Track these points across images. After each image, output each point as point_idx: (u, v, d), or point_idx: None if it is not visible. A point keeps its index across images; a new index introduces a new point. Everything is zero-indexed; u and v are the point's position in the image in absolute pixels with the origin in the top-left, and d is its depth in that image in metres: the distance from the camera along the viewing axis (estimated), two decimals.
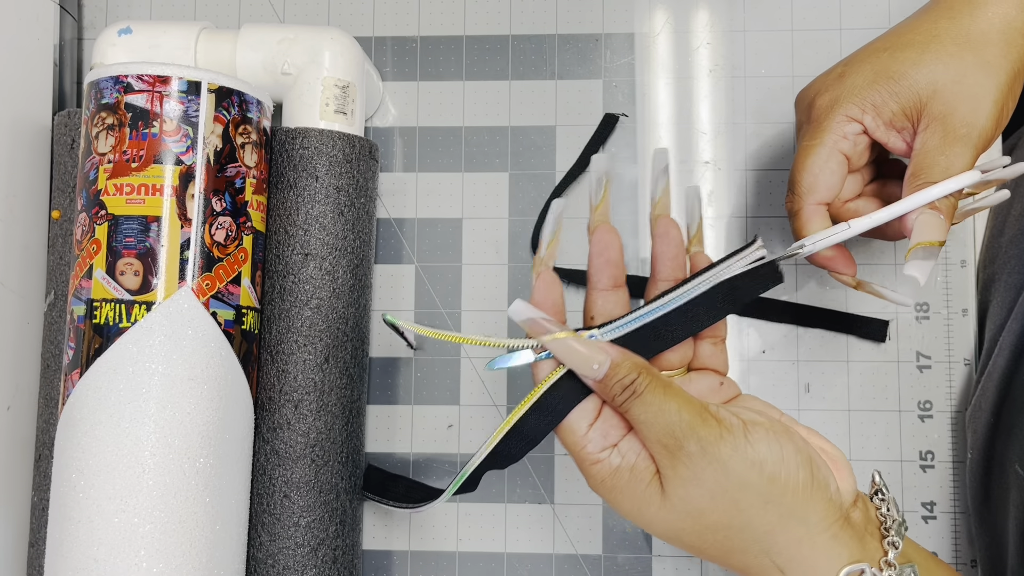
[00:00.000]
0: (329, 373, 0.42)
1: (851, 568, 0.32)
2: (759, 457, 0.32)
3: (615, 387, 0.33)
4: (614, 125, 0.47)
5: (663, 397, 0.32)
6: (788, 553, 0.32)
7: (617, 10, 0.48)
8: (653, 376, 0.33)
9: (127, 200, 0.37)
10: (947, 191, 0.35)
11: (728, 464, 0.31)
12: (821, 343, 0.46)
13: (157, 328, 0.36)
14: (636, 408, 0.32)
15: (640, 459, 0.33)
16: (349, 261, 0.43)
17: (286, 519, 0.41)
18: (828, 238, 0.36)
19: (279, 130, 0.42)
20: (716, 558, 0.33)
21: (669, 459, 0.32)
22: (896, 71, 0.37)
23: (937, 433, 0.45)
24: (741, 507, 0.32)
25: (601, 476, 0.33)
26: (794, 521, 0.32)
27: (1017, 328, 0.41)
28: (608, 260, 0.35)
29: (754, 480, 0.31)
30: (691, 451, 0.31)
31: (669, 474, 0.32)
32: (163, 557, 0.35)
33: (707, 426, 0.32)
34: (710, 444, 0.31)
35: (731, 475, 0.31)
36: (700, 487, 0.32)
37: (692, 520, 0.32)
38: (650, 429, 0.32)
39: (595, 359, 0.33)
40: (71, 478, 0.36)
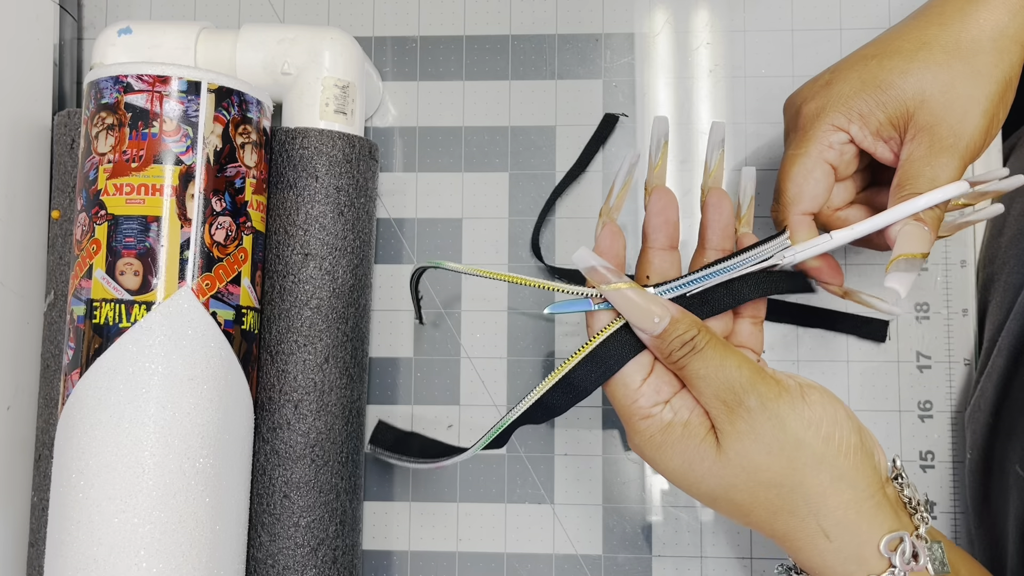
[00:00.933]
0: (329, 373, 0.42)
1: (892, 536, 0.33)
2: (815, 417, 0.33)
3: (674, 342, 0.33)
4: (614, 125, 0.47)
5: (724, 352, 0.33)
6: (835, 516, 0.33)
7: (617, 10, 0.48)
8: (711, 333, 0.34)
9: (127, 200, 0.37)
10: (932, 203, 0.35)
11: (786, 421, 0.32)
12: (821, 343, 0.46)
13: (157, 328, 0.36)
14: (695, 363, 0.33)
15: (694, 415, 0.34)
16: (349, 261, 0.43)
17: (286, 519, 0.41)
18: (809, 249, 0.36)
19: (279, 130, 0.42)
20: (762, 520, 0.34)
21: (727, 414, 0.33)
22: (883, 80, 0.36)
23: (937, 433, 0.45)
24: (796, 465, 0.32)
25: (651, 432, 0.34)
26: (844, 484, 0.33)
27: (1016, 328, 0.41)
28: (667, 220, 0.36)
29: (810, 439, 0.32)
30: (750, 406, 0.32)
31: (727, 428, 0.33)
32: (163, 557, 0.35)
33: (766, 383, 0.33)
34: (770, 400, 0.32)
35: (788, 432, 0.32)
36: (758, 442, 0.32)
37: (747, 475, 0.33)
38: (708, 385, 0.33)
39: (656, 312, 0.33)
40: (71, 478, 0.36)
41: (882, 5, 0.47)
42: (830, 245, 0.36)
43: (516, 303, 0.47)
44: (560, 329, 0.47)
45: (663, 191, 0.36)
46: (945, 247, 0.46)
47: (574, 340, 0.47)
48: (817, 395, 0.33)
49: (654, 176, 0.37)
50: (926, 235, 0.35)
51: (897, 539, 0.33)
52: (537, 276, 0.47)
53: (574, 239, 0.47)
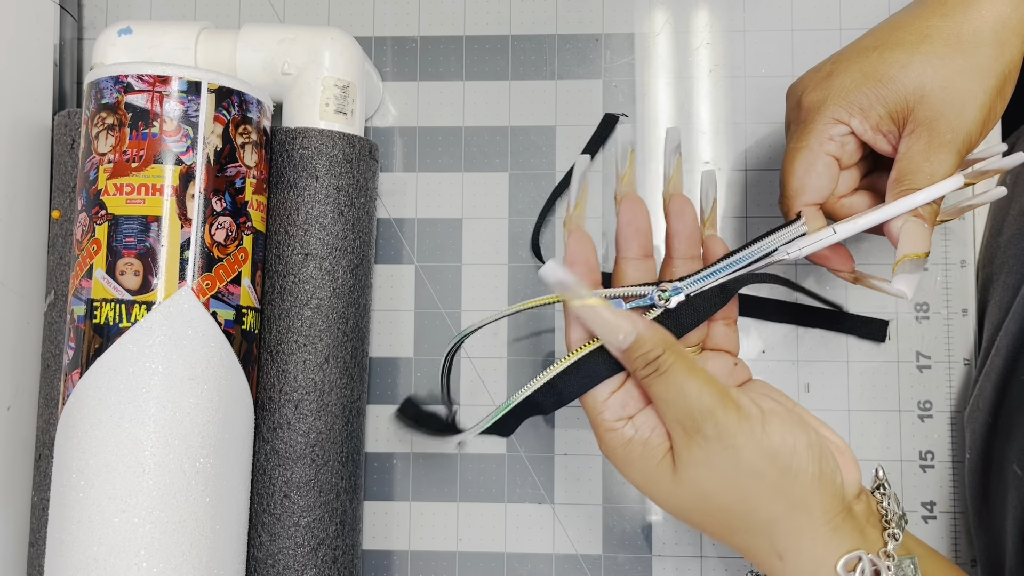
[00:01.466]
0: (329, 373, 0.42)
1: (849, 556, 0.32)
2: (773, 448, 0.32)
3: (638, 360, 0.33)
4: (614, 125, 0.47)
5: (686, 377, 0.33)
6: (788, 541, 0.33)
7: (617, 10, 0.48)
8: (678, 355, 0.33)
9: (127, 200, 0.37)
10: (930, 199, 0.35)
11: (742, 452, 0.32)
12: (821, 343, 0.46)
13: (157, 328, 0.36)
14: (657, 386, 0.33)
15: (655, 435, 0.34)
16: (349, 261, 0.43)
17: (286, 519, 0.41)
18: (813, 244, 0.36)
19: (279, 130, 0.42)
20: (720, 536, 0.34)
21: (685, 439, 0.33)
22: (884, 73, 0.36)
23: (937, 433, 0.45)
24: (750, 494, 0.32)
25: (612, 445, 0.34)
26: (799, 512, 0.32)
27: (1014, 328, 0.41)
28: (637, 229, 0.36)
29: (766, 470, 0.32)
30: (707, 435, 0.32)
31: (683, 454, 0.33)
32: (163, 557, 0.35)
33: (726, 412, 0.32)
34: (727, 430, 0.32)
35: (744, 463, 0.32)
36: (712, 471, 0.32)
37: (700, 501, 0.33)
38: (669, 408, 0.33)
39: (621, 329, 0.33)
40: (71, 478, 0.36)
41: (881, 5, 0.47)
42: (834, 239, 0.36)
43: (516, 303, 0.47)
44: (560, 329, 0.47)
45: (632, 200, 0.36)
46: (945, 247, 0.46)
47: None
48: (777, 424, 0.33)
49: (623, 185, 0.36)
50: (926, 232, 0.35)
51: (855, 559, 0.32)
52: (536, 272, 0.47)
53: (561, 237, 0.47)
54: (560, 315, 0.47)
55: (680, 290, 0.35)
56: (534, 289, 0.47)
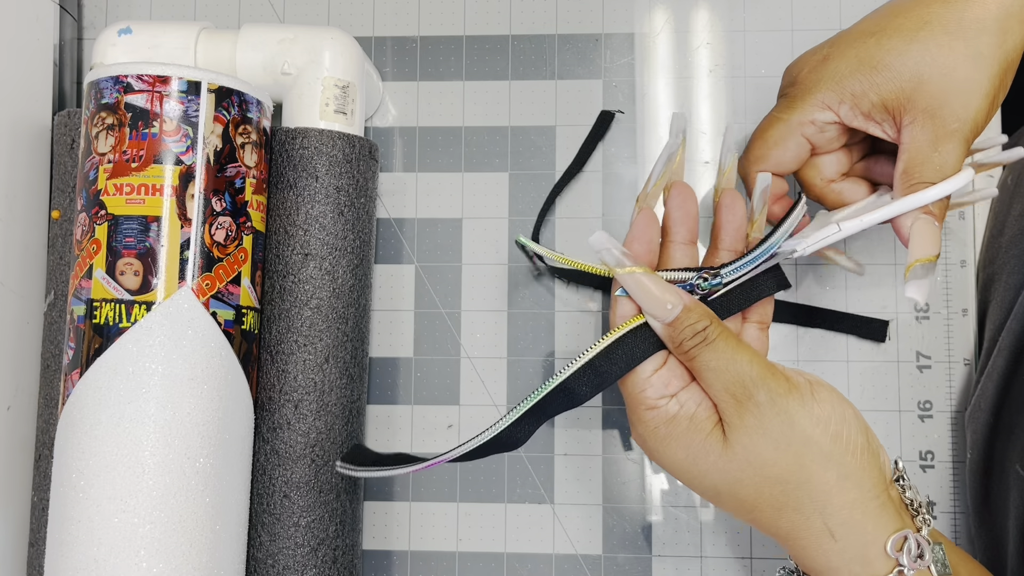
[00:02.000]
0: (329, 373, 0.42)
1: (898, 535, 0.32)
2: (824, 414, 0.33)
3: (686, 331, 0.33)
4: (610, 122, 0.47)
5: (736, 346, 0.33)
6: (841, 515, 0.33)
7: (617, 10, 0.48)
8: (724, 326, 0.34)
9: (127, 200, 0.37)
10: (943, 194, 0.35)
11: (795, 417, 0.32)
12: (821, 343, 0.46)
13: (157, 328, 0.36)
14: (706, 355, 0.33)
15: (701, 408, 0.34)
16: (349, 261, 0.43)
17: (286, 519, 0.41)
18: (819, 241, 0.36)
19: (279, 130, 0.42)
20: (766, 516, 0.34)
21: (736, 407, 0.33)
22: (879, 60, 0.36)
23: (937, 433, 0.45)
24: (803, 462, 0.32)
25: (655, 423, 0.34)
26: (850, 483, 0.32)
27: (1016, 328, 0.41)
28: (686, 213, 0.36)
29: (818, 436, 0.32)
30: (760, 401, 0.32)
31: (735, 422, 0.33)
32: (163, 557, 0.35)
33: (776, 379, 0.33)
34: (779, 396, 0.32)
35: (797, 429, 0.32)
36: (766, 437, 0.32)
37: (753, 470, 0.33)
38: (718, 377, 0.33)
39: (668, 300, 0.33)
40: (71, 478, 0.36)
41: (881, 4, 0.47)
42: (839, 236, 0.36)
43: (516, 303, 0.47)
44: (560, 329, 0.47)
45: (682, 186, 0.36)
46: (945, 247, 0.46)
47: (574, 340, 0.47)
48: (826, 393, 0.33)
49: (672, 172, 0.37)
50: (937, 232, 0.35)
51: (902, 538, 0.32)
52: (537, 276, 0.47)
53: (574, 239, 0.47)
54: (560, 315, 0.47)
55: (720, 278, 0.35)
56: (534, 289, 0.47)
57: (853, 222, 0.36)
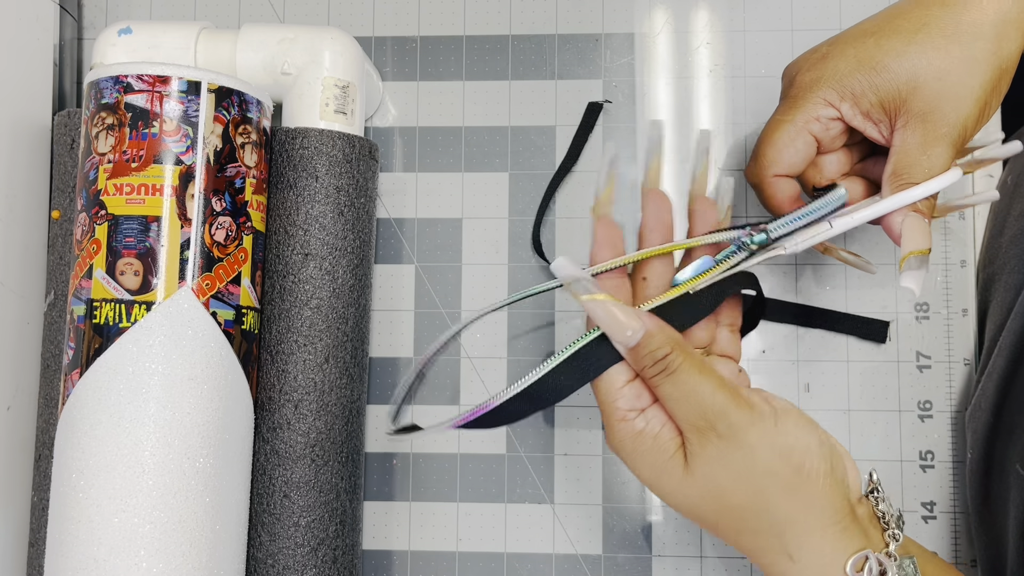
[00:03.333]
0: (329, 373, 0.42)
1: (857, 556, 0.32)
2: (787, 446, 0.32)
3: (646, 358, 0.33)
4: (598, 113, 0.47)
5: (697, 377, 0.32)
6: (799, 540, 0.32)
7: (617, 10, 0.48)
8: (687, 354, 0.33)
9: (127, 200, 0.37)
10: (928, 193, 0.35)
11: (756, 450, 0.32)
12: (821, 343, 0.46)
13: (157, 328, 0.36)
14: (667, 386, 0.33)
15: (665, 429, 0.33)
16: (349, 261, 0.43)
17: (286, 519, 0.41)
18: (810, 238, 0.36)
19: (279, 130, 0.42)
20: (727, 536, 0.34)
21: (697, 437, 0.32)
22: (878, 61, 0.36)
23: (937, 433, 0.45)
24: (763, 493, 0.32)
25: (622, 436, 0.34)
26: (811, 511, 0.32)
27: (1017, 328, 0.41)
28: (660, 221, 0.36)
29: (780, 468, 0.32)
30: (721, 433, 0.32)
31: (696, 451, 0.32)
32: (163, 557, 0.35)
33: (739, 410, 0.32)
34: (741, 429, 0.32)
35: (758, 461, 0.32)
36: (726, 469, 0.32)
37: (712, 499, 0.33)
38: (680, 408, 0.32)
39: (629, 326, 0.33)
40: (71, 478, 0.36)
41: (881, 5, 0.47)
42: (830, 234, 0.36)
43: (514, 307, 0.47)
44: (560, 329, 0.47)
45: (657, 194, 0.36)
46: (945, 247, 0.46)
47: None
48: (792, 423, 0.33)
49: (649, 180, 0.37)
50: (927, 227, 0.35)
51: (863, 558, 0.32)
52: (536, 272, 0.47)
53: (574, 238, 0.47)
54: (560, 315, 0.47)
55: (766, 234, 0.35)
56: None
57: (844, 219, 0.36)
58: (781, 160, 0.38)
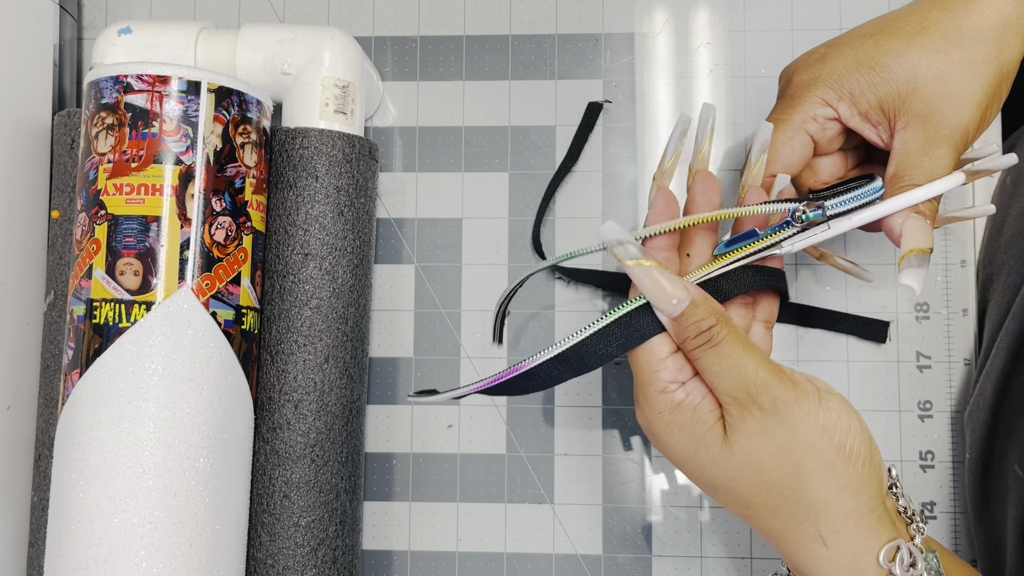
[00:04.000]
0: (329, 373, 0.42)
1: (890, 545, 0.32)
2: (830, 424, 0.32)
3: (690, 328, 0.33)
4: (598, 113, 0.47)
5: (741, 350, 0.32)
6: (835, 525, 0.32)
7: (617, 10, 0.48)
8: (731, 327, 0.33)
9: (127, 200, 0.37)
10: (930, 195, 0.35)
11: (799, 426, 0.32)
12: (821, 343, 0.46)
13: (157, 328, 0.36)
14: (709, 357, 0.32)
15: (706, 400, 0.33)
16: (349, 261, 0.43)
17: (286, 519, 0.41)
18: (808, 239, 0.36)
19: (279, 130, 0.42)
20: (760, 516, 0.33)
21: (739, 410, 0.32)
22: (878, 61, 0.36)
23: (937, 433, 0.45)
24: (803, 471, 0.32)
25: (661, 407, 0.33)
26: (848, 494, 0.32)
27: (1015, 329, 0.41)
28: (709, 201, 0.36)
29: (822, 446, 0.32)
30: (764, 407, 0.32)
31: (737, 424, 0.32)
32: (163, 557, 0.35)
33: (783, 386, 0.32)
34: (784, 404, 0.32)
35: (800, 438, 0.32)
36: (767, 443, 0.32)
37: (751, 472, 0.32)
38: (722, 380, 0.32)
39: (675, 294, 0.32)
40: (71, 478, 0.36)
41: (881, 5, 0.47)
42: (828, 235, 0.36)
43: (516, 303, 0.47)
44: (560, 329, 0.47)
45: (706, 175, 0.36)
46: (945, 247, 0.46)
47: None
48: (835, 402, 0.33)
49: (699, 160, 0.37)
50: (928, 228, 0.35)
51: (895, 548, 0.32)
52: (537, 274, 0.47)
53: (574, 238, 0.47)
54: (560, 315, 0.47)
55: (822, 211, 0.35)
56: (534, 289, 0.47)
57: (843, 221, 0.36)
58: (778, 160, 0.38)
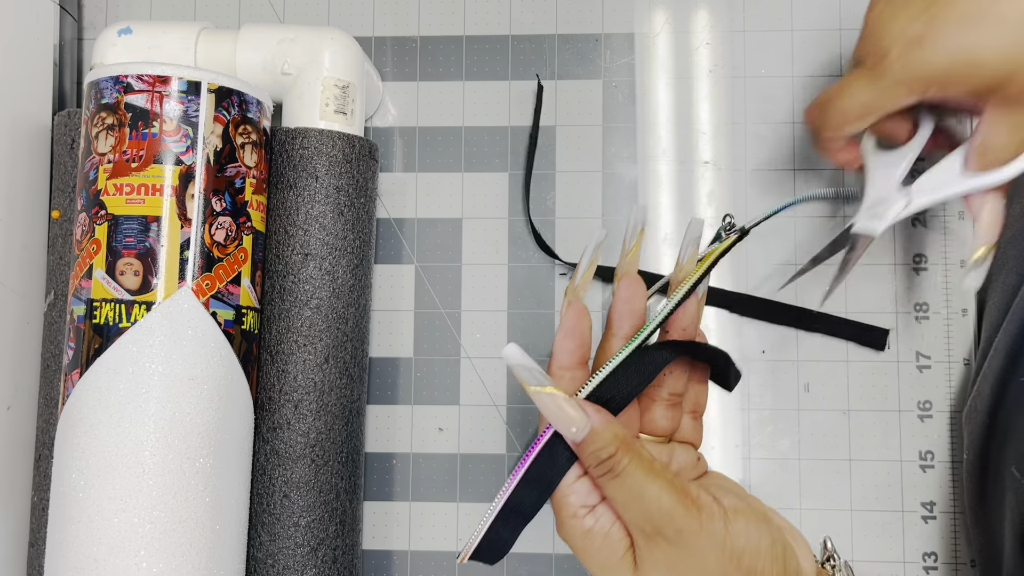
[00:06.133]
0: (329, 373, 0.42)
1: None
2: (738, 548, 0.31)
3: (591, 457, 0.31)
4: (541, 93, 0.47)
5: (644, 480, 0.31)
6: None
7: (617, 10, 0.48)
8: (633, 454, 0.31)
9: (127, 200, 0.37)
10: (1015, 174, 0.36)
11: (706, 556, 0.30)
12: (821, 343, 0.46)
13: (157, 328, 0.36)
14: (612, 487, 0.31)
15: (615, 529, 0.32)
16: (349, 261, 0.43)
17: (286, 519, 0.41)
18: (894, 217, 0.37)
19: (279, 130, 0.42)
20: None
21: (645, 541, 0.31)
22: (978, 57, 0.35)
23: (937, 433, 0.45)
24: None
25: (573, 532, 0.32)
26: None
27: (1013, 330, 0.41)
28: (632, 309, 0.34)
29: (731, 573, 0.31)
30: (669, 538, 0.30)
31: (645, 555, 0.31)
32: (163, 557, 0.35)
33: (688, 515, 0.31)
34: (691, 535, 0.30)
35: (709, 567, 0.31)
36: (674, 574, 0.31)
37: None
38: (626, 511, 0.31)
39: (574, 421, 0.31)
40: (71, 478, 0.36)
41: None
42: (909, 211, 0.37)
43: (516, 303, 0.47)
44: None
45: (633, 279, 0.34)
46: (945, 247, 0.46)
47: None
48: (742, 523, 0.31)
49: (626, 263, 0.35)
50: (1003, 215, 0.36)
51: None
52: (536, 271, 0.47)
53: (574, 238, 0.47)
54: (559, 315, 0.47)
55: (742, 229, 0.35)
56: (534, 289, 0.47)
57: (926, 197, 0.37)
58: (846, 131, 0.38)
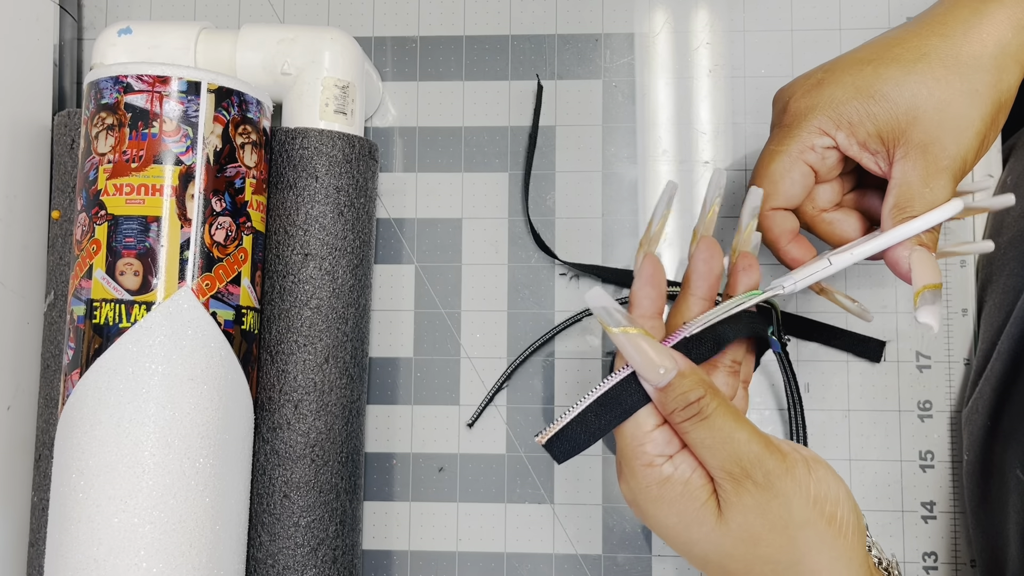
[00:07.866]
0: (329, 373, 0.42)
1: None
2: (821, 495, 0.32)
3: (678, 400, 0.31)
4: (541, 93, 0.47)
5: (732, 423, 0.31)
6: None
7: (617, 10, 0.48)
8: (720, 398, 0.32)
9: (127, 200, 0.37)
10: (930, 224, 0.34)
11: (793, 500, 0.31)
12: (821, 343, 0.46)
13: (157, 328, 0.36)
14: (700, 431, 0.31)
15: (696, 475, 0.32)
16: (349, 261, 0.43)
17: (286, 519, 0.41)
18: (809, 277, 0.36)
19: (279, 130, 0.42)
20: None
21: (733, 485, 0.31)
22: (877, 90, 0.35)
23: (937, 433, 0.45)
24: (798, 544, 0.31)
25: (647, 481, 0.32)
26: (841, 564, 0.32)
27: (1016, 333, 0.41)
28: (710, 270, 0.35)
29: (815, 519, 0.31)
30: (757, 481, 0.31)
31: (732, 499, 0.31)
32: (163, 557, 0.35)
33: (774, 458, 0.31)
34: (777, 477, 0.31)
35: (794, 511, 0.31)
36: (763, 518, 0.31)
37: (746, 548, 0.32)
38: (714, 455, 0.31)
39: (662, 364, 0.31)
40: (71, 478, 0.36)
41: (881, 5, 0.47)
42: (830, 271, 0.35)
43: (516, 303, 0.47)
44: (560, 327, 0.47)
45: (710, 242, 0.35)
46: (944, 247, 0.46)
47: (574, 341, 0.47)
48: (823, 472, 0.32)
49: (704, 225, 0.36)
50: (935, 260, 0.34)
51: None
52: (536, 271, 0.47)
53: (574, 238, 0.47)
54: (560, 316, 0.47)
55: None
56: (534, 289, 0.47)
57: (844, 256, 0.35)
58: (778, 193, 0.37)
